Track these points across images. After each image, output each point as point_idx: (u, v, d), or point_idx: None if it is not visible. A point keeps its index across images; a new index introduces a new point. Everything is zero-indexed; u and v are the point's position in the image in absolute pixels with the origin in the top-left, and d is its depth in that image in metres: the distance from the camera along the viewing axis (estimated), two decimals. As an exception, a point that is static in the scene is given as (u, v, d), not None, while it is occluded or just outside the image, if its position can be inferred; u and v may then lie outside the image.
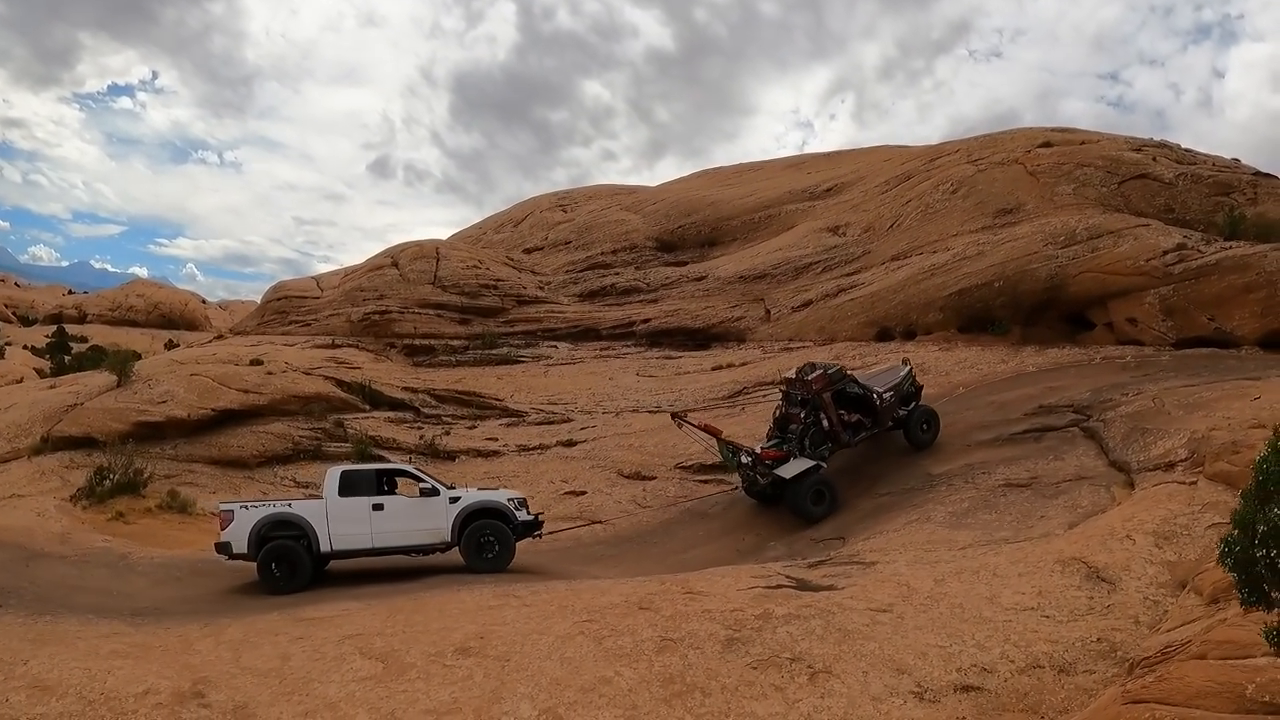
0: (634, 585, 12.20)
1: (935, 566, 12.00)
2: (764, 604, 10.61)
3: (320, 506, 15.19)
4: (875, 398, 18.51)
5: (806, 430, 18.13)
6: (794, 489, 17.35)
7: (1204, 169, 27.41)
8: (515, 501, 16.00)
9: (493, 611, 11.09)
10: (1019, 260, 24.86)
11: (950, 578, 11.38)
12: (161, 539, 19.23)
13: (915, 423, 18.88)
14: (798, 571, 12.87)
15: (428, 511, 15.44)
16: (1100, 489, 14.93)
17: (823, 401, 18.02)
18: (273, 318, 36.79)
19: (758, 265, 32.21)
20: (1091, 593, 10.30)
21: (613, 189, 44.58)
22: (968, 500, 15.73)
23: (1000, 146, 30.17)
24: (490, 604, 11.57)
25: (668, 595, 11.17)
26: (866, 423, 18.67)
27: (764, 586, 11.56)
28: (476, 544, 15.31)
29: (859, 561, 13.14)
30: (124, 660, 9.50)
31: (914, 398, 19.40)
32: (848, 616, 10.29)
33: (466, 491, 16.04)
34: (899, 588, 11.25)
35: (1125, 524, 12.00)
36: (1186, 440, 14.60)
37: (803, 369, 18.77)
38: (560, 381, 30.07)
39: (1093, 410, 18.16)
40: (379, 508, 15.25)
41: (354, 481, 15.51)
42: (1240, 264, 22.71)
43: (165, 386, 27.68)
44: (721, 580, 12.20)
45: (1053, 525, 13.64)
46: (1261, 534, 5.29)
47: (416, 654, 9.44)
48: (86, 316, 64.92)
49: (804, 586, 11.61)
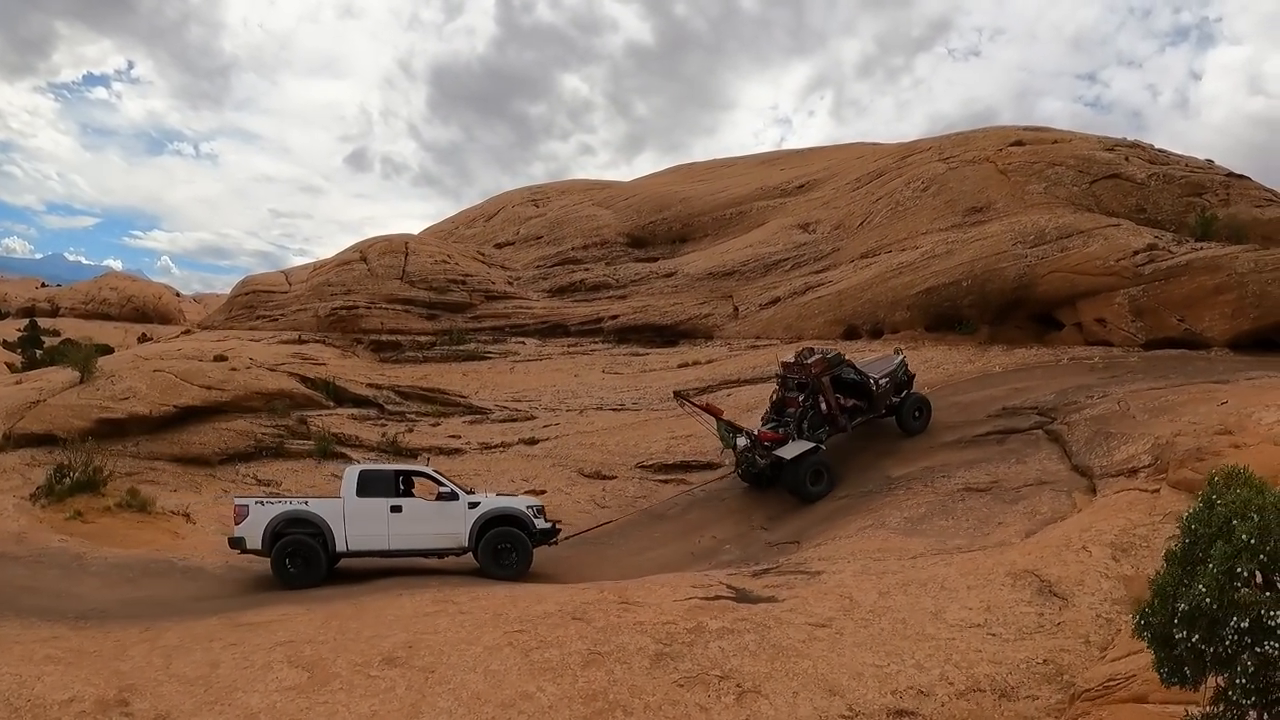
0: (572, 593, 11.71)
1: (882, 578, 11.34)
2: (698, 616, 10.06)
3: (338, 506, 14.98)
4: (872, 383, 18.53)
5: (804, 413, 18.07)
6: (793, 469, 17.23)
7: (1176, 169, 26.83)
8: (534, 509, 15.76)
9: (428, 619, 10.72)
10: (987, 259, 24.22)
11: (896, 590, 10.72)
12: (119, 538, 18.65)
13: (908, 409, 18.85)
14: (741, 580, 12.26)
15: (446, 515, 15.20)
16: (1061, 495, 14.33)
17: (821, 385, 18.03)
18: (240, 312, 35.86)
19: (727, 262, 31.48)
20: (1042, 609, 9.64)
21: (586, 184, 43.75)
22: (925, 505, 15.08)
23: (972, 145, 29.53)
24: (428, 610, 11.18)
25: (603, 605, 10.70)
26: (863, 407, 18.66)
27: (702, 597, 10.99)
28: (494, 551, 15.06)
29: (804, 571, 12.47)
30: (56, 666, 9.33)
31: (906, 386, 19.36)
32: (784, 631, 9.68)
33: (486, 497, 15.81)
34: (841, 600, 10.62)
35: (1082, 534, 11.36)
36: (1150, 446, 14.00)
37: (801, 353, 18.75)
38: (526, 378, 29.29)
39: (1057, 412, 17.55)
40: (397, 510, 15.06)
41: (373, 482, 15.33)
42: (1211, 265, 22.14)
43: (128, 383, 26.83)
44: (660, 590, 11.62)
45: (1009, 533, 13.01)
46: (1182, 614, 4.53)
47: (343, 663, 9.13)
48: (59, 310, 63.55)
49: (743, 598, 11.06)
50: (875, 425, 19.47)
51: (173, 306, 64.47)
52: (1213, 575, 4.40)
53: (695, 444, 22.25)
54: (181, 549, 18.09)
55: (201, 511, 21.11)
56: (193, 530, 19.88)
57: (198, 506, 21.43)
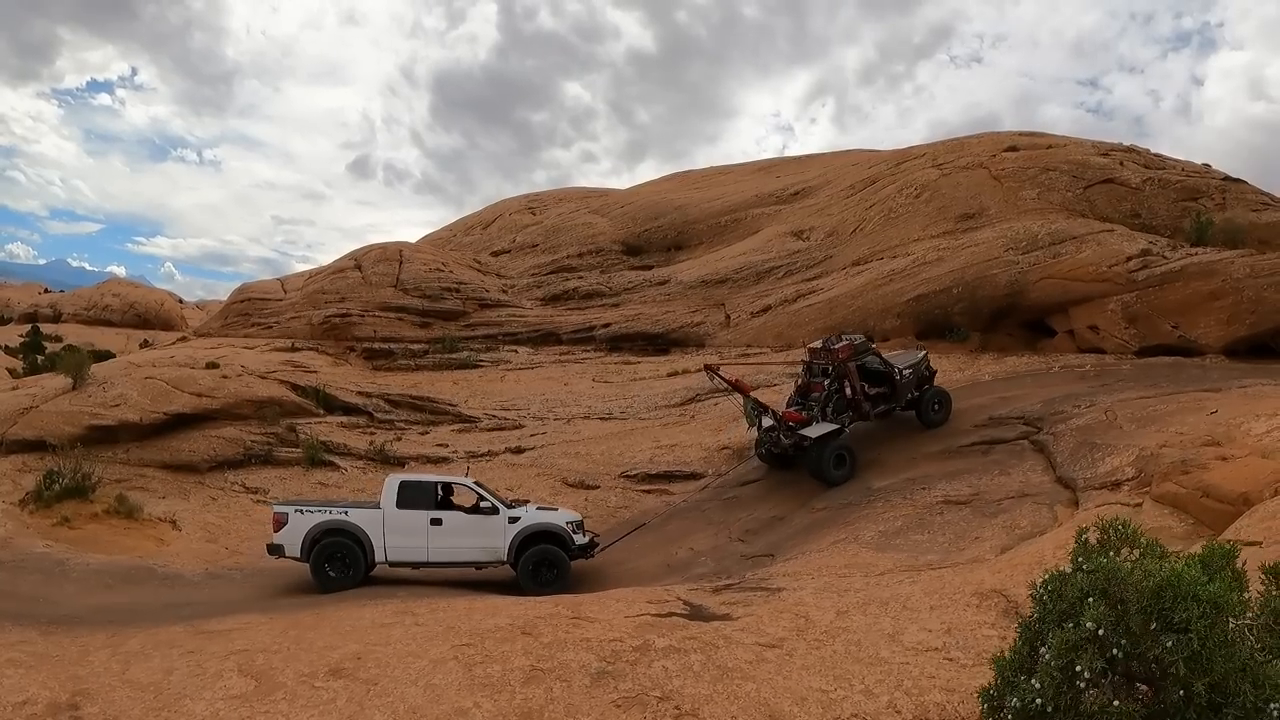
0: (527, 607, 11.16)
1: (844, 595, 10.63)
2: (647, 634, 9.38)
3: (378, 517, 14.75)
4: (896, 373, 18.33)
5: (829, 397, 17.86)
6: (817, 452, 17.00)
7: (1172, 174, 26.03)
8: (573, 525, 15.49)
9: (383, 630, 10.34)
10: (979, 266, 23.48)
11: (855, 609, 9.99)
12: (105, 544, 18.46)
13: (927, 401, 18.59)
14: (700, 596, 11.55)
15: (486, 529, 14.98)
16: (1043, 508, 13.59)
17: (847, 370, 17.86)
18: (236, 320, 35.41)
19: (720, 270, 30.80)
20: (1005, 633, 8.85)
21: (583, 192, 43.14)
22: (902, 518, 14.35)
23: (966, 150, 28.79)
24: (385, 621, 10.76)
25: (555, 620, 10.11)
26: (886, 395, 18.41)
27: (654, 614, 10.32)
28: (533, 569, 14.82)
29: (765, 587, 11.78)
30: (17, 669, 9.24)
31: (928, 381, 19.05)
32: (732, 652, 8.94)
33: (526, 510, 15.52)
34: (797, 619, 9.89)
35: (1058, 551, 10.57)
36: (1135, 457, 13.26)
37: (829, 339, 18.69)
38: (516, 386, 28.71)
39: (1043, 422, 16.78)
40: (437, 522, 14.84)
41: (413, 493, 15.07)
42: (1206, 270, 21.38)
43: (119, 390, 26.62)
44: (615, 605, 11.00)
45: (985, 549, 12.28)
46: (1014, 711, 3.62)
47: (291, 673, 8.74)
48: (61, 315, 63.06)
49: (697, 615, 10.37)
50: (872, 431, 18.77)
51: (175, 313, 64.02)
52: (1048, 669, 3.54)
53: (679, 454, 21.68)
54: (164, 556, 17.89)
55: (188, 518, 20.86)
56: (178, 537, 19.63)
57: (185, 513, 21.15)
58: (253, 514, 21.75)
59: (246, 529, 20.66)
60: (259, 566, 17.16)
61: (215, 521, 21.25)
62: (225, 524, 21.12)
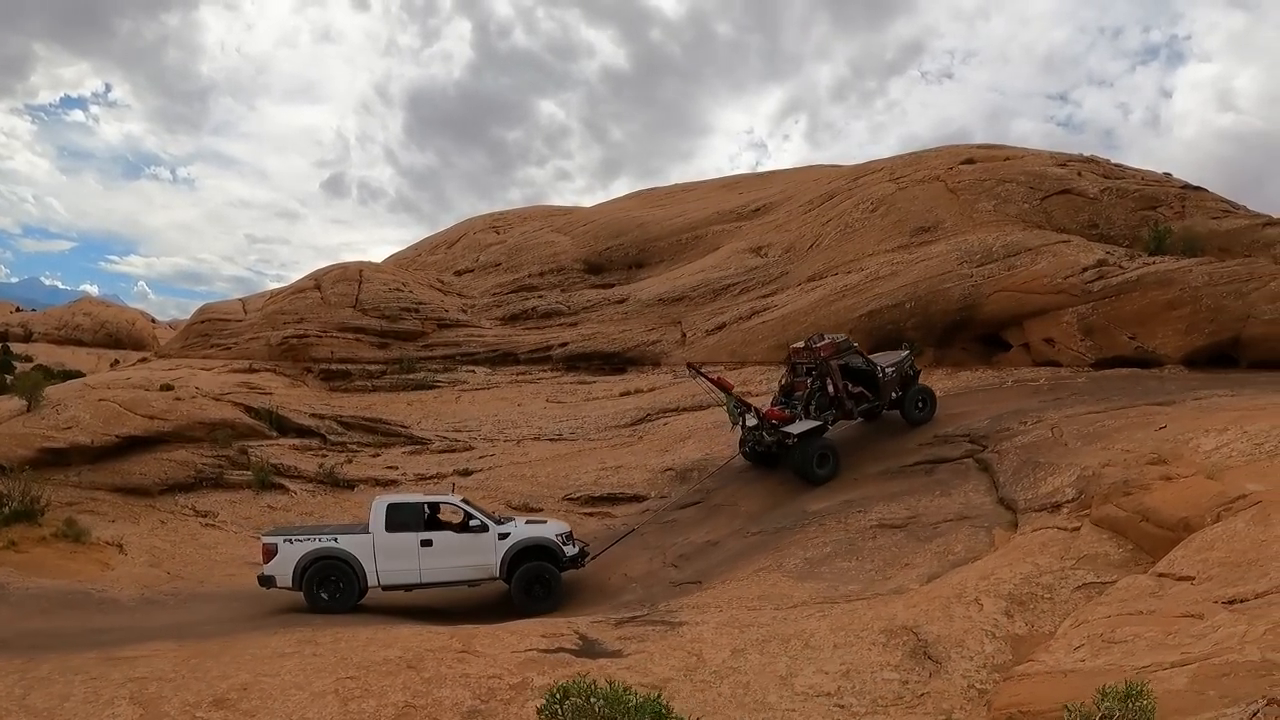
0: (424, 639, 10.55)
1: (745, 631, 9.54)
2: (527, 671, 8.89)
3: (367, 542, 14.37)
4: (879, 371, 17.94)
5: (812, 395, 17.53)
6: (800, 451, 16.63)
7: (1131, 183, 24.97)
8: (562, 536, 15.16)
9: (279, 660, 9.90)
10: (932, 279, 22.36)
11: (753, 647, 8.89)
12: (49, 568, 17.81)
13: (911, 399, 18.12)
14: (599, 630, 10.67)
15: (477, 547, 14.65)
16: (980, 531, 12.43)
17: (829, 368, 17.48)
18: (196, 340, 34.14)
19: (678, 287, 29.64)
20: (908, 675, 7.73)
21: (547, 210, 41.99)
22: (832, 544, 13.17)
23: (923, 164, 27.72)
24: (286, 651, 10.31)
25: (443, 654, 9.64)
26: (869, 396, 17.97)
27: (542, 650, 9.70)
28: (525, 585, 14.53)
29: (667, 621, 10.71)
30: None
31: (912, 380, 18.56)
32: None
33: (516, 526, 15.13)
34: (688, 658, 8.91)
35: (981, 582, 9.43)
36: (1076, 477, 12.12)
37: (811, 338, 18.30)
38: (470, 407, 27.49)
39: (989, 440, 15.62)
40: (428, 543, 14.47)
41: (402, 515, 14.65)
42: (1163, 279, 20.28)
43: (72, 412, 25.64)
44: (508, 639, 10.30)
45: (912, 576, 11.13)
46: None
47: (177, 702, 8.62)
48: (32, 335, 61.18)
49: (587, 651, 9.68)
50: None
51: (146, 333, 62.28)
52: None
53: (624, 476, 20.55)
54: (105, 580, 17.30)
55: (135, 543, 20.16)
56: (123, 561, 18.97)
57: (132, 537, 20.44)
58: (200, 538, 21.08)
59: (191, 553, 20.03)
60: (196, 591, 16.67)
61: (161, 546, 20.46)
62: (171, 548, 20.33)
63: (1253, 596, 5.93)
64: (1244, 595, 6.01)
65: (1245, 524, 7.77)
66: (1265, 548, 7.02)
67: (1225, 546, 7.54)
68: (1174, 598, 6.68)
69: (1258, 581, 6.20)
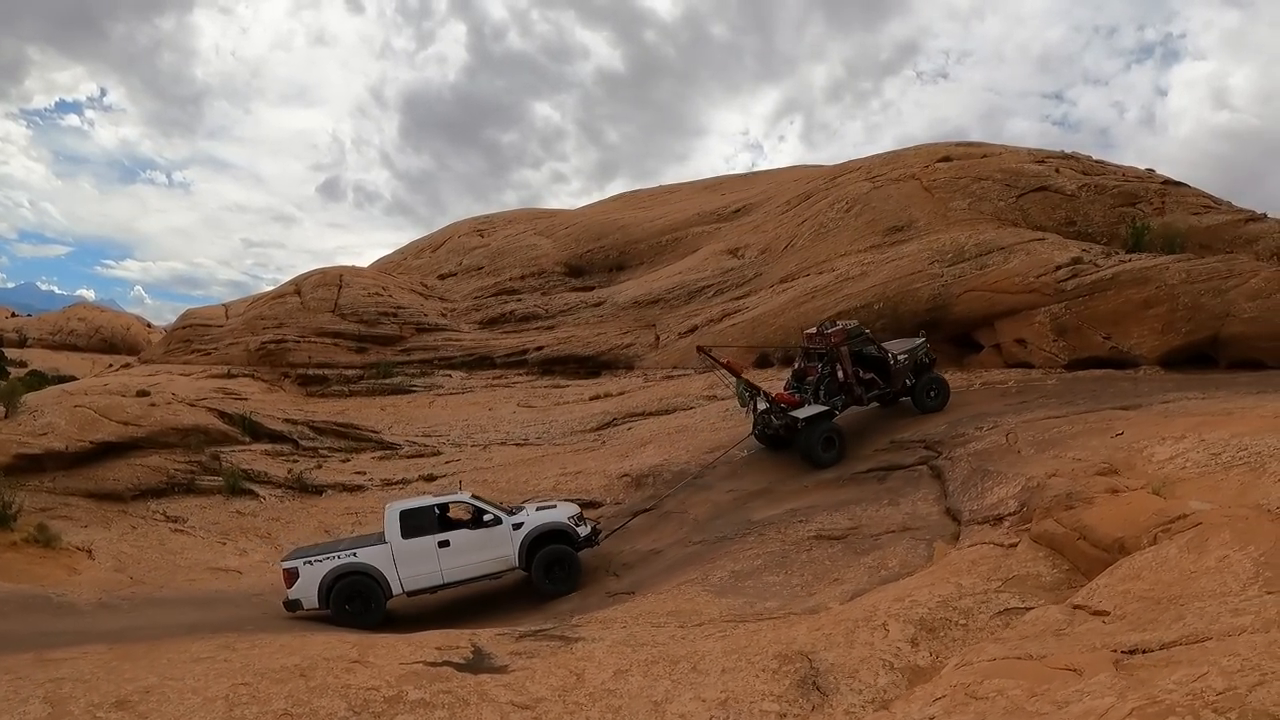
0: (324, 647, 10.05)
1: (638, 650, 8.69)
2: (406, 684, 8.49)
3: (386, 551, 14.08)
4: (890, 359, 17.44)
5: (822, 380, 17.11)
6: (807, 434, 16.21)
7: (1110, 179, 23.72)
8: (574, 518, 14.96)
9: (191, 665, 9.61)
10: (902, 280, 21.23)
11: (639, 668, 8.03)
12: (16, 573, 17.25)
13: (922, 389, 17.54)
14: (499, 643, 9.85)
15: (493, 541, 14.41)
16: (921, 544, 11.37)
17: (840, 354, 17.10)
18: (178, 346, 33.40)
19: (654, 290, 28.58)
20: (788, 708, 6.76)
21: (532, 213, 40.95)
22: (764, 556, 12.14)
23: (900, 163, 26.54)
24: (203, 655, 10.00)
25: (336, 663, 9.31)
26: (880, 383, 17.51)
27: (429, 662, 9.20)
28: (545, 570, 14.32)
29: (566, 636, 9.91)
30: None
31: (926, 369, 18.01)
32: (479, 711, 7.73)
33: (528, 514, 14.89)
34: (569, 677, 8.21)
35: (895, 604, 8.34)
36: (1020, 488, 11.01)
37: (823, 324, 17.92)
38: (442, 412, 26.56)
39: (943, 446, 14.56)
40: (445, 544, 14.21)
41: (415, 520, 14.33)
42: (1139, 277, 19.08)
43: (48, 418, 25.11)
44: (404, 649, 9.76)
45: (835, 594, 10.09)
46: None
47: (84, 703, 8.34)
48: (27, 340, 60.28)
49: (475, 665, 9.14)
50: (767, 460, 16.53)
51: (141, 338, 61.35)
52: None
53: (582, 482, 19.57)
54: (68, 584, 16.66)
55: (104, 547, 19.66)
56: (90, 566, 18.52)
57: (103, 542, 19.95)
58: (167, 543, 20.52)
59: (157, 559, 19.45)
60: (153, 596, 16.14)
61: (129, 551, 19.87)
62: (138, 553, 19.72)
63: (1156, 647, 4.83)
64: (1147, 644, 4.91)
65: (1179, 550, 6.64)
66: (1191, 582, 5.91)
67: (1151, 577, 6.42)
68: (1074, 639, 5.58)
69: (1169, 628, 5.10)
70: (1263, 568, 5.62)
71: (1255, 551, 5.92)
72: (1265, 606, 4.87)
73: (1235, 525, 6.56)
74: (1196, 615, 5.10)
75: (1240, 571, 5.71)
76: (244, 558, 20.08)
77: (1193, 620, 5.05)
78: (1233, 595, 5.36)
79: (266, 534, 21.37)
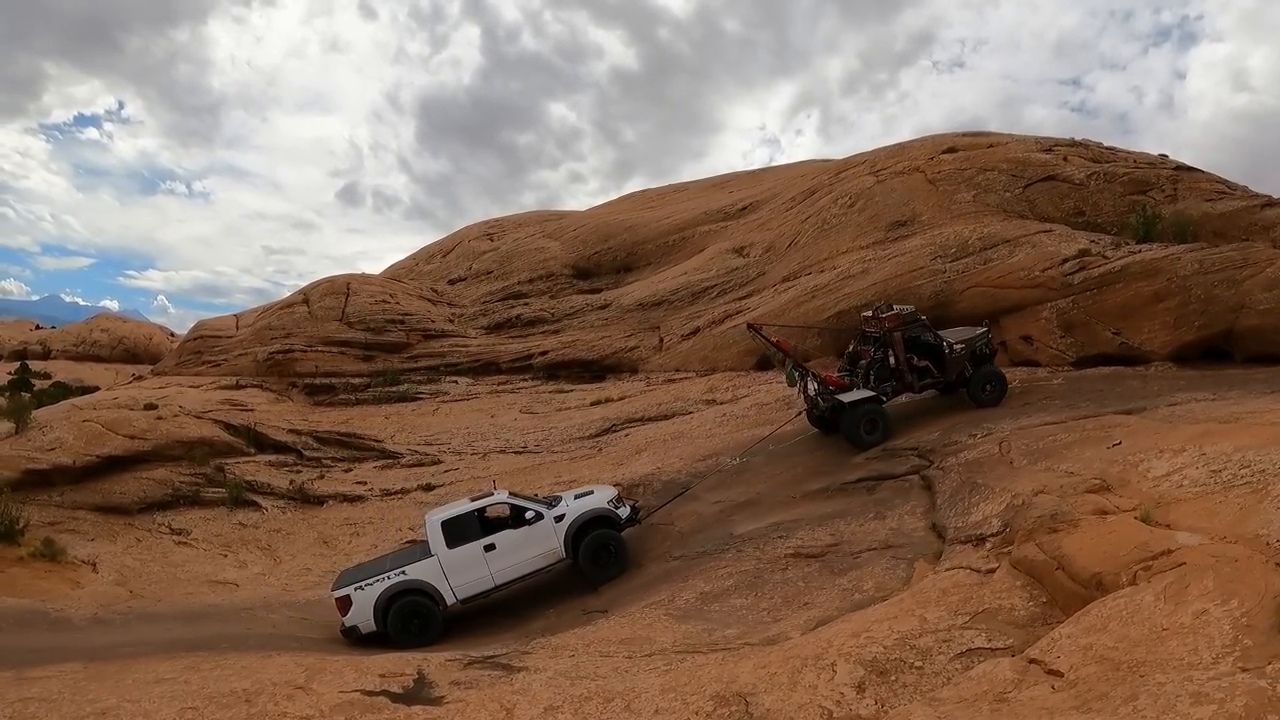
0: (277, 671, 9.82)
1: (576, 684, 8.22)
2: (338, 714, 8.34)
3: (434, 565, 13.75)
4: (946, 347, 16.45)
5: (873, 365, 16.45)
6: (850, 416, 15.60)
7: (1120, 166, 22.43)
8: (614, 501, 14.71)
9: (152, 686, 9.50)
10: (903, 277, 20.21)
11: (570, 705, 7.51)
12: (20, 588, 17.16)
13: (978, 381, 16.42)
14: (444, 671, 9.42)
15: (538, 536, 14.12)
16: (901, 564, 10.48)
17: (893, 339, 16.31)
18: (189, 358, 33.05)
19: (659, 291, 27.70)
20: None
21: (542, 215, 40.20)
22: (736, 576, 11.34)
23: (904, 155, 25.43)
24: (166, 677, 9.86)
25: (280, 688, 9.14)
26: (934, 372, 16.57)
27: (366, 691, 8.93)
28: (593, 557, 14.06)
29: (511, 665, 9.52)
30: None
31: (986, 360, 16.91)
32: None
33: (569, 503, 14.58)
34: (500, 712, 7.92)
35: (850, 640, 7.50)
36: (1005, 506, 10.07)
37: (879, 306, 17.17)
38: (445, 420, 25.95)
39: (935, 455, 13.57)
40: (491, 548, 13.90)
41: (458, 528, 13.96)
42: (1149, 269, 17.90)
43: (57, 434, 25.00)
44: (348, 674, 9.49)
45: (799, 621, 9.35)
46: None
47: None
48: (51, 352, 60.50)
49: (407, 697, 8.78)
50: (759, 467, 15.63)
51: (164, 347, 61.12)
52: None
53: (574, 492, 18.67)
54: (69, 599, 16.53)
55: (108, 561, 19.49)
56: (93, 580, 18.32)
57: (107, 556, 19.75)
58: (170, 556, 20.24)
59: (158, 571, 19.19)
60: (147, 611, 15.75)
61: (131, 564, 19.61)
62: (140, 566, 19.47)
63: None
64: (1089, 733, 4.00)
65: (1154, 598, 5.71)
66: (1159, 644, 5.00)
67: (1119, 630, 5.50)
68: (1013, 711, 4.69)
69: (1117, 710, 4.19)
70: (1242, 632, 4.70)
71: (1237, 609, 4.98)
72: (1233, 692, 3.96)
73: (1221, 570, 5.62)
74: (1151, 698, 4.19)
75: (1216, 635, 4.79)
76: (243, 570, 19.74)
77: (1145, 705, 4.14)
78: (1201, 669, 4.45)
79: (267, 546, 21.00)
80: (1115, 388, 15.87)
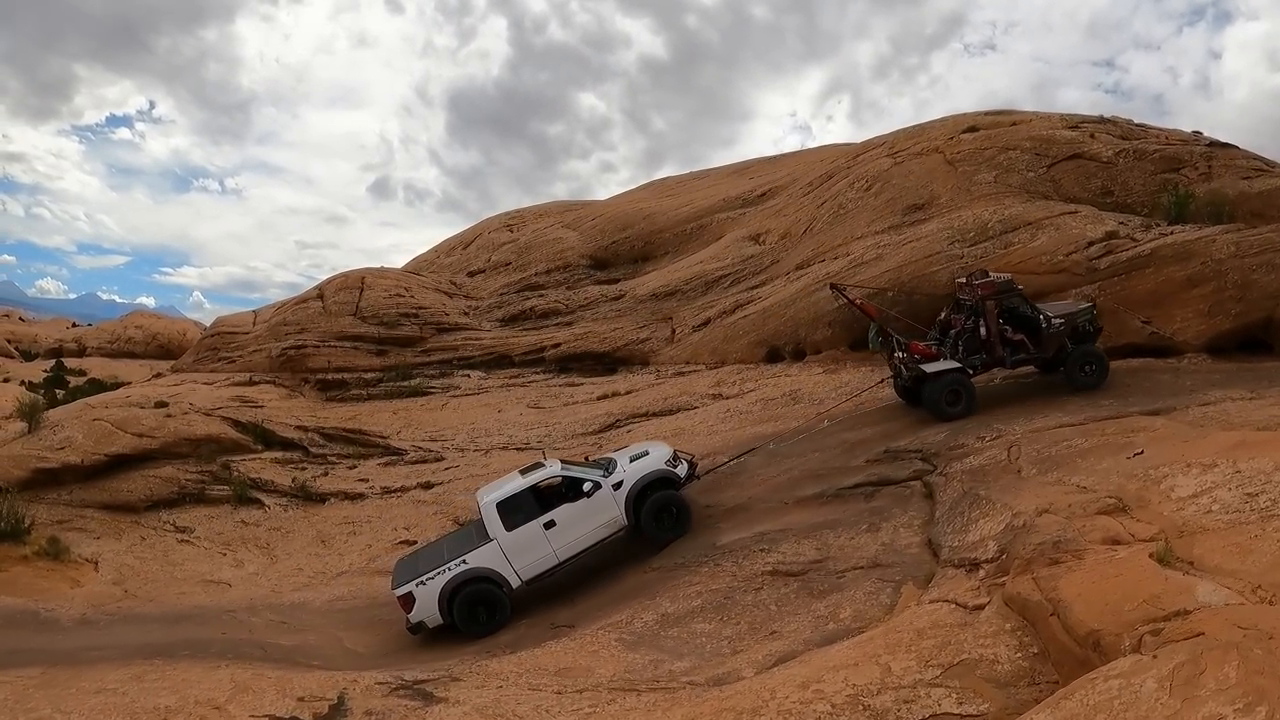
0: (207, 687, 9.37)
1: None
2: None
3: (495, 549, 12.94)
4: (1043, 320, 14.83)
5: (962, 334, 15.18)
6: (932, 386, 14.50)
7: (1151, 144, 20.59)
8: (670, 460, 13.81)
9: (91, 696, 9.27)
10: (918, 263, 18.69)
11: None
12: (22, 587, 16.88)
13: (1076, 360, 14.66)
14: (365, 697, 8.63)
15: (598, 507, 13.26)
16: (887, 587, 9.18)
17: (985, 308, 14.94)
18: (206, 354, 32.47)
19: (672, 281, 26.39)
20: None
21: (562, 206, 38.94)
22: (705, 595, 10.15)
23: (924, 136, 23.74)
24: (107, 687, 9.60)
25: (199, 707, 8.75)
26: (1029, 346, 15.02)
27: (278, 715, 8.36)
28: (655, 519, 13.23)
29: (433, 694, 8.75)
30: None
31: (1087, 338, 15.14)
32: None
33: (624, 468, 13.69)
34: None
35: (796, 691, 6.36)
36: (1005, 526, 8.65)
37: (974, 273, 15.75)
38: (451, 415, 24.95)
39: (939, 459, 12.15)
40: (550, 525, 13.05)
41: (514, 508, 13.11)
42: (1181, 252, 16.24)
43: (67, 432, 24.50)
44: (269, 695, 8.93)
45: (759, 655, 8.25)
46: None
47: None
48: (86, 349, 60.32)
49: None
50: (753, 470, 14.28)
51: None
52: None
53: (570, 493, 17.55)
54: (65, 598, 16.28)
55: (110, 559, 19.10)
56: (94, 579, 17.97)
57: (110, 554, 19.34)
58: (171, 554, 19.74)
59: (156, 570, 18.74)
60: (136, 611, 15.47)
61: (131, 563, 19.20)
62: (140, 565, 19.04)
63: None
64: None
65: (1157, 685, 4.37)
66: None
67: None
68: None
69: None
70: (1265, 759, 3.35)
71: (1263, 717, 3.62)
72: None
73: (1249, 655, 4.25)
74: None
75: (1230, 758, 3.44)
76: (238, 569, 19.08)
77: None
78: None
79: (265, 544, 20.28)
80: (1142, 382, 14.28)
